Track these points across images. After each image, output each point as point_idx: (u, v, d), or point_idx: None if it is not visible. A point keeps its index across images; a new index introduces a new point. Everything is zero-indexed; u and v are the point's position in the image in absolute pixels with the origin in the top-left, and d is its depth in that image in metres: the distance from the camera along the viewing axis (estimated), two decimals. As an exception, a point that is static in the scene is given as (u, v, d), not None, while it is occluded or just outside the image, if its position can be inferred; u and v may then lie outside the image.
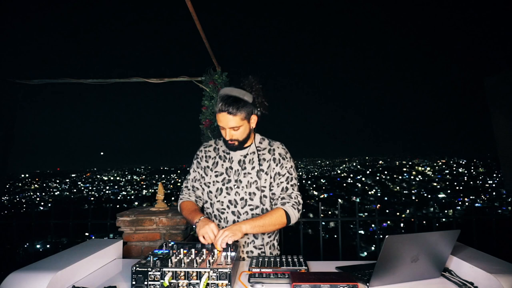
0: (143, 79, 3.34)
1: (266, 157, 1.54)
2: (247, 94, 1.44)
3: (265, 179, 1.52)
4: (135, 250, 2.18)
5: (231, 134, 1.46)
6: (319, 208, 2.63)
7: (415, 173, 49.28)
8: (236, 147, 1.52)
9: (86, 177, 55.77)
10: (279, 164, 1.53)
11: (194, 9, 2.21)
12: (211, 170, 1.59)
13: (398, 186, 44.28)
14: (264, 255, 1.51)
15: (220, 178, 1.56)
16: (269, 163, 1.53)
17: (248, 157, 1.55)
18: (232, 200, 1.53)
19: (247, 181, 1.52)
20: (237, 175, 1.54)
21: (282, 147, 1.58)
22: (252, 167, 1.53)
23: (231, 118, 1.42)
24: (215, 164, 1.59)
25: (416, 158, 58.92)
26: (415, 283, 1.17)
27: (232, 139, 1.48)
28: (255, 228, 1.39)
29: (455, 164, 51.56)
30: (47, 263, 1.21)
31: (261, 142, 1.60)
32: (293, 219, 1.47)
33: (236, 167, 1.55)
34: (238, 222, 1.46)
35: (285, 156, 1.55)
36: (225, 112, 1.41)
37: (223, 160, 1.58)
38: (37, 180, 51.08)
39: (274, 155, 1.54)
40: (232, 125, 1.43)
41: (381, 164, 59.51)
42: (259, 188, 1.52)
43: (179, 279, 1.07)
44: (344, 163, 66.30)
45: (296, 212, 1.47)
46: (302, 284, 1.03)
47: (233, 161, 1.56)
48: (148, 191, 44.75)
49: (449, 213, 14.20)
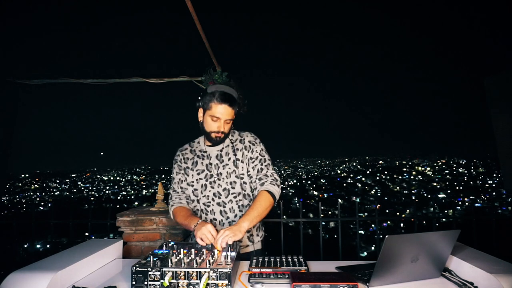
0: (143, 79, 3.34)
1: (239, 147, 1.66)
2: (236, 93, 1.60)
3: (242, 167, 1.64)
4: (135, 250, 2.18)
5: (224, 126, 1.57)
6: (319, 208, 2.63)
7: (415, 173, 49.27)
8: (219, 141, 1.62)
9: (86, 177, 55.75)
10: (249, 150, 1.65)
11: (194, 9, 2.21)
12: (192, 170, 1.68)
13: (398, 186, 44.27)
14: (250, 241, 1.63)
15: (202, 175, 1.66)
16: (242, 151, 1.65)
17: (224, 150, 1.66)
18: (216, 192, 1.63)
19: (226, 172, 1.63)
20: (217, 168, 1.64)
21: (251, 135, 1.70)
22: (228, 158, 1.65)
23: (230, 111, 1.55)
24: (195, 164, 1.69)
25: (416, 158, 58.91)
26: (415, 283, 1.17)
27: (222, 131, 1.57)
28: (253, 221, 1.44)
29: (455, 164, 51.55)
30: (47, 263, 1.21)
31: (232, 135, 1.72)
32: (276, 195, 1.55)
33: (215, 162, 1.65)
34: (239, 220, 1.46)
35: (254, 142, 1.67)
36: (227, 104, 1.53)
37: (202, 158, 1.68)
38: (37, 180, 51.07)
39: (245, 143, 1.67)
40: (228, 117, 1.56)
41: (381, 164, 59.50)
42: (238, 176, 1.63)
43: (179, 279, 1.07)
44: (344, 163, 66.29)
45: (276, 187, 1.56)
46: (302, 284, 1.03)
47: (211, 157, 1.67)
48: (148, 191, 44.75)
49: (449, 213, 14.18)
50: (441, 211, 17.23)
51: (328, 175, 55.59)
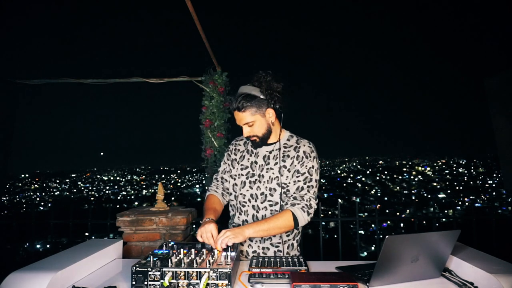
0: (143, 79, 3.34)
1: (290, 154, 1.52)
2: (255, 89, 1.45)
3: (287, 176, 1.50)
4: (135, 250, 2.18)
5: (247, 130, 1.49)
6: (319, 208, 2.63)
7: (415, 173, 49.26)
8: (258, 144, 1.53)
9: (86, 177, 55.74)
10: (301, 162, 1.49)
11: (194, 9, 2.21)
12: (238, 163, 1.62)
13: (398, 186, 44.26)
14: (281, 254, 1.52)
15: (244, 172, 1.58)
16: (292, 160, 1.51)
17: (273, 153, 1.55)
18: (254, 194, 1.54)
19: (269, 176, 1.52)
20: (261, 169, 1.55)
21: (309, 145, 1.53)
22: (275, 163, 1.52)
23: (242, 115, 1.46)
24: (242, 158, 1.62)
25: (416, 158, 58.88)
26: (415, 283, 1.17)
27: (250, 135, 1.50)
28: (258, 232, 1.37)
29: (455, 164, 51.54)
30: (47, 263, 1.21)
31: (289, 139, 1.58)
32: (301, 222, 1.43)
33: (260, 162, 1.56)
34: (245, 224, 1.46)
35: (309, 155, 1.50)
36: (236, 110, 1.46)
37: (250, 155, 1.61)
38: (37, 180, 51.06)
39: (299, 152, 1.51)
40: (245, 121, 1.46)
41: (381, 164, 59.48)
42: (280, 184, 1.50)
43: (179, 279, 1.07)
44: (344, 163, 66.28)
45: (305, 215, 1.43)
46: (302, 284, 1.03)
47: (259, 156, 1.58)
48: (148, 191, 44.74)
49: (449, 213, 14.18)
50: (441, 211, 17.23)
51: (328, 175, 55.58)
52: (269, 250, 1.54)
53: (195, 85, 3.33)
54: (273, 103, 1.48)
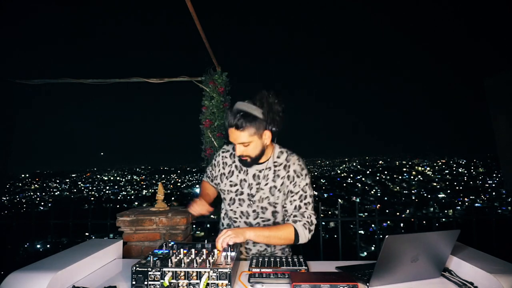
0: (143, 79, 3.34)
1: (280, 174, 1.50)
2: (257, 109, 1.38)
3: (277, 196, 1.50)
4: (135, 250, 2.18)
5: (241, 150, 1.43)
6: (319, 208, 2.63)
7: (415, 173, 49.24)
8: (248, 163, 1.48)
9: (86, 177, 55.72)
10: (292, 182, 1.49)
11: (194, 9, 2.21)
12: (226, 178, 1.59)
13: (398, 186, 44.24)
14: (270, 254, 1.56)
15: (234, 189, 1.56)
16: (283, 180, 1.49)
17: (264, 172, 1.52)
18: (244, 211, 1.54)
19: (260, 196, 1.50)
20: (250, 189, 1.52)
21: (299, 163, 1.52)
22: (265, 183, 1.51)
23: (239, 134, 1.38)
24: (231, 173, 1.58)
25: (416, 158, 58.87)
26: (415, 283, 1.17)
27: (243, 155, 1.44)
28: (259, 237, 1.38)
29: (455, 164, 51.52)
30: (47, 263, 1.21)
31: (279, 156, 1.54)
32: (302, 239, 1.43)
33: (250, 181, 1.53)
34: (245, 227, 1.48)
35: (300, 173, 1.49)
36: (233, 127, 1.38)
37: (239, 171, 1.56)
38: (37, 180, 51.03)
39: (289, 172, 1.49)
40: (241, 140, 1.40)
41: (381, 164, 59.46)
42: (271, 204, 1.50)
43: (179, 279, 1.07)
44: (344, 163, 66.26)
45: (306, 232, 1.43)
46: (302, 284, 1.03)
47: (248, 173, 1.54)
48: (148, 191, 44.72)
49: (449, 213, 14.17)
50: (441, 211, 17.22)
51: (328, 175, 55.56)
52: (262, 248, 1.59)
53: (195, 85, 3.33)
54: (271, 126, 1.42)
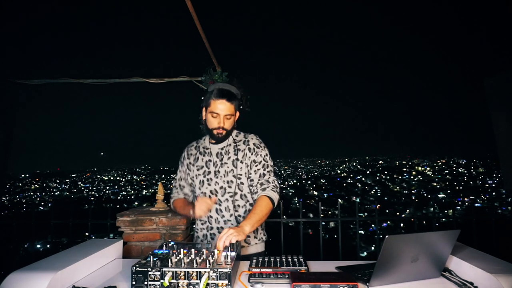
0: (143, 79, 3.34)
1: (241, 148, 1.67)
2: (237, 91, 1.64)
3: (240, 167, 1.65)
4: (135, 250, 2.18)
5: (224, 122, 1.60)
6: (319, 208, 2.63)
7: (415, 173, 49.25)
8: (222, 138, 1.64)
9: (86, 177, 55.72)
10: (254, 152, 1.66)
11: (194, 9, 2.21)
12: (193, 165, 1.74)
13: (398, 186, 44.25)
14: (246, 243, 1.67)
15: (201, 171, 1.71)
16: (243, 152, 1.66)
17: (225, 149, 1.69)
18: (213, 190, 1.67)
19: (224, 171, 1.65)
20: (216, 166, 1.67)
21: (257, 137, 1.72)
22: (228, 157, 1.67)
23: (229, 106, 1.59)
24: (196, 159, 1.74)
25: (416, 158, 58.87)
26: (415, 283, 1.17)
27: (223, 127, 1.60)
28: (254, 226, 1.45)
29: (455, 164, 51.53)
30: (47, 263, 1.21)
31: (237, 135, 1.74)
32: (275, 202, 1.59)
33: (214, 159, 1.69)
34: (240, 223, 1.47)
35: (259, 145, 1.68)
36: (224, 99, 1.57)
37: (203, 155, 1.73)
38: (37, 180, 51.03)
39: (249, 145, 1.68)
40: (227, 112, 1.59)
41: (381, 164, 59.47)
42: (236, 176, 1.64)
43: (179, 279, 1.07)
44: (344, 163, 66.26)
45: (276, 194, 1.59)
46: (302, 284, 1.03)
47: (212, 154, 1.70)
48: (148, 191, 44.73)
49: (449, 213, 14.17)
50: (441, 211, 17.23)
51: (328, 175, 55.57)
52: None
53: (195, 85, 3.33)
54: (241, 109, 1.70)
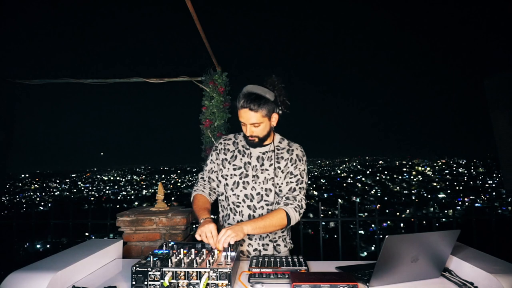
0: (143, 79, 3.34)
1: (284, 156, 1.58)
2: (269, 92, 1.48)
3: (280, 177, 1.56)
4: (135, 250, 2.18)
5: (252, 130, 1.50)
6: (319, 208, 2.63)
7: (415, 173, 49.24)
8: (256, 144, 1.55)
9: (86, 177, 55.72)
10: (294, 164, 1.57)
11: (194, 9, 2.21)
12: (229, 163, 1.62)
13: (398, 186, 44.25)
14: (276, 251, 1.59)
15: (238, 172, 1.59)
16: (286, 162, 1.57)
17: (267, 154, 1.59)
18: (248, 194, 1.57)
19: (264, 177, 1.56)
20: (255, 170, 1.57)
21: (301, 149, 1.62)
22: (270, 164, 1.57)
23: (252, 115, 1.45)
24: (234, 158, 1.62)
25: (416, 158, 58.86)
26: (415, 283, 1.17)
27: (252, 135, 1.51)
28: (256, 229, 1.40)
29: (455, 164, 51.51)
30: (47, 263, 1.21)
31: (281, 142, 1.64)
32: (293, 221, 1.50)
33: (254, 163, 1.59)
34: (241, 222, 1.47)
35: (301, 158, 1.59)
36: (247, 108, 1.45)
37: (242, 155, 1.62)
38: (37, 180, 51.03)
39: (292, 155, 1.58)
40: (253, 121, 1.47)
41: (381, 164, 59.47)
42: (275, 185, 1.56)
43: (179, 279, 1.07)
44: (344, 163, 66.26)
45: (297, 215, 1.50)
46: (302, 284, 1.03)
47: (252, 156, 1.60)
48: (148, 191, 44.72)
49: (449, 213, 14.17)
50: (441, 211, 17.23)
51: (328, 175, 55.57)
52: (268, 246, 1.59)
53: (195, 85, 3.33)
54: (280, 109, 1.54)
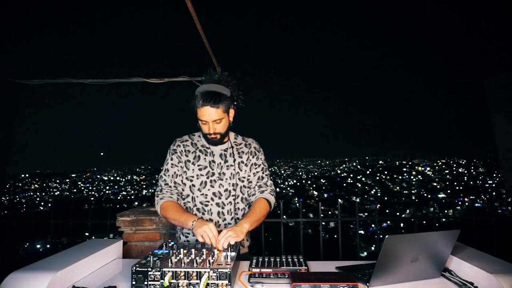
0: (143, 79, 3.34)
1: (244, 150, 1.68)
2: (225, 89, 1.55)
3: (245, 170, 1.66)
4: (135, 250, 2.18)
5: (214, 127, 1.53)
6: (319, 208, 2.63)
7: (415, 173, 49.24)
8: (217, 141, 1.60)
9: (86, 177, 55.71)
10: (255, 156, 1.69)
11: (194, 9, 2.21)
12: (193, 164, 1.62)
13: (398, 186, 44.25)
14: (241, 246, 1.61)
15: (204, 172, 1.62)
16: (247, 155, 1.67)
17: (229, 150, 1.66)
18: (216, 192, 1.61)
19: (230, 173, 1.62)
20: (220, 168, 1.63)
21: (255, 142, 1.74)
22: (233, 160, 1.64)
23: (214, 111, 1.50)
24: (197, 158, 1.63)
25: (416, 158, 58.87)
26: (415, 283, 1.17)
27: (215, 132, 1.54)
28: (253, 224, 1.47)
29: (455, 164, 51.51)
30: (47, 263, 1.21)
31: (236, 138, 1.72)
32: (272, 205, 1.63)
33: (218, 160, 1.64)
34: (240, 221, 1.47)
35: (259, 149, 1.72)
36: (208, 105, 1.48)
37: (205, 154, 1.64)
38: (37, 180, 51.02)
39: (250, 148, 1.69)
40: (215, 118, 1.51)
41: (381, 164, 59.47)
42: (240, 179, 1.64)
43: (179, 279, 1.07)
44: (344, 163, 66.26)
45: (273, 198, 1.64)
46: (302, 284, 1.03)
47: (215, 154, 1.65)
48: (148, 191, 44.73)
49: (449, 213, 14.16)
50: (441, 211, 17.24)
51: (328, 175, 55.57)
52: None
53: (195, 85, 3.33)
54: (235, 104, 1.64)
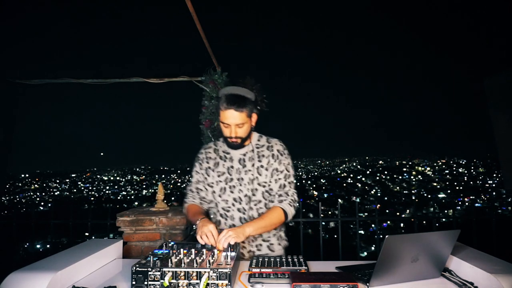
0: (143, 79, 3.34)
1: (265, 154, 1.59)
2: (250, 93, 1.50)
3: (265, 175, 1.57)
4: (135, 250, 2.18)
5: (236, 131, 1.49)
6: (319, 208, 2.63)
7: (415, 173, 49.24)
8: (238, 145, 1.55)
9: (86, 177, 55.70)
10: (277, 160, 1.58)
11: (194, 9, 2.21)
12: (213, 171, 1.63)
13: (398, 186, 44.25)
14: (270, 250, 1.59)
15: (222, 178, 1.60)
16: (268, 159, 1.58)
17: (248, 155, 1.59)
18: (237, 197, 1.58)
19: (249, 178, 1.57)
20: (238, 173, 1.59)
21: (280, 143, 1.62)
22: (252, 164, 1.58)
23: (238, 115, 1.46)
24: (216, 165, 1.63)
25: (416, 158, 58.86)
26: (415, 283, 1.17)
27: (236, 136, 1.50)
28: (258, 230, 1.43)
29: (455, 164, 51.50)
30: (47, 263, 1.21)
31: (259, 139, 1.64)
32: (289, 216, 1.53)
33: (237, 166, 1.59)
34: (244, 224, 1.48)
35: (283, 152, 1.60)
36: (232, 108, 1.44)
37: (224, 160, 1.62)
38: (37, 180, 51.01)
39: (273, 151, 1.59)
40: (238, 121, 1.47)
41: (381, 164, 59.47)
42: (261, 184, 1.57)
43: (179, 279, 1.07)
44: (344, 163, 66.26)
45: (292, 209, 1.53)
46: (302, 284, 1.03)
47: (233, 160, 1.61)
48: (148, 191, 44.72)
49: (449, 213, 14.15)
50: (441, 211, 17.23)
51: (328, 175, 55.58)
52: (262, 246, 1.59)
53: (195, 85, 3.33)
54: (258, 108, 1.56)
